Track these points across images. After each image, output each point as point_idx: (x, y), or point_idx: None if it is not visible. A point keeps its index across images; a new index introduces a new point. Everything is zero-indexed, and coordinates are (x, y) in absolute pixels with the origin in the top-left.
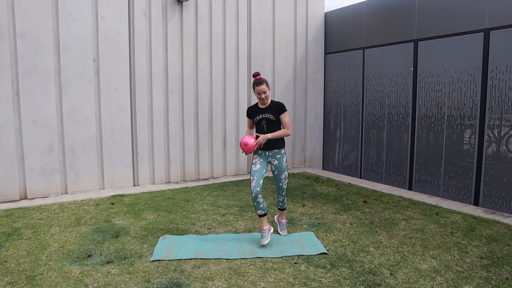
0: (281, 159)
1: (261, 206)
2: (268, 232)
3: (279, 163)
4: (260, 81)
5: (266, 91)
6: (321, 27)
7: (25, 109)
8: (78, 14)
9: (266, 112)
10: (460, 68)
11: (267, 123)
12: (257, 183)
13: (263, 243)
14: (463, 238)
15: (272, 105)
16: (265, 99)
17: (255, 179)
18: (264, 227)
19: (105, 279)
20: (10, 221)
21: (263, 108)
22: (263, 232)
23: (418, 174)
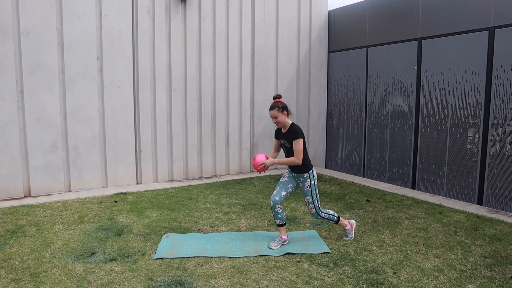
0: (304, 182)
1: (279, 216)
2: (281, 241)
3: (302, 187)
4: (272, 105)
5: (277, 116)
6: (324, 26)
7: (29, 107)
8: (82, 12)
9: (283, 138)
10: (464, 66)
11: (285, 148)
12: (277, 193)
13: (271, 246)
14: (466, 237)
15: (289, 131)
16: (278, 124)
17: (277, 189)
18: (282, 236)
19: (108, 276)
20: (14, 219)
21: (284, 132)
22: (277, 239)
23: (422, 173)
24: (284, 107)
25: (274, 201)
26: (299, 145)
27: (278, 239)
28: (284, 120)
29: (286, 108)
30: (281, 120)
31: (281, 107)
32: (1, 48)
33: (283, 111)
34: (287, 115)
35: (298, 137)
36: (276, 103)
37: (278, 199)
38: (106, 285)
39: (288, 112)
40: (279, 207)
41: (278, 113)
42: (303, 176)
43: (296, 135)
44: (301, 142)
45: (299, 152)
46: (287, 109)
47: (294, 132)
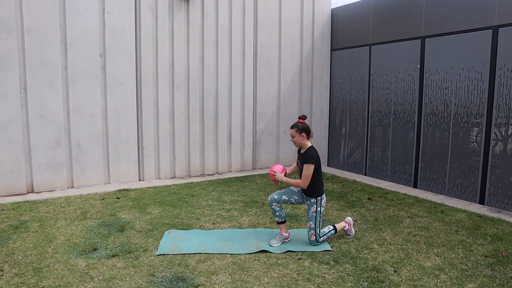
0: (310, 207)
1: (277, 213)
2: (282, 238)
3: (308, 209)
4: (293, 124)
5: (294, 136)
6: (327, 24)
7: (32, 103)
8: (85, 9)
9: (299, 158)
10: (467, 65)
11: (299, 168)
12: (280, 193)
13: (271, 244)
14: (467, 236)
15: (305, 153)
16: (294, 143)
17: (283, 191)
18: (282, 233)
19: (110, 272)
20: (17, 214)
21: (301, 153)
22: (278, 236)
23: (424, 172)
24: (304, 129)
25: (271, 198)
26: (308, 170)
27: (279, 236)
28: (301, 141)
29: (306, 130)
30: (297, 140)
31: (300, 128)
32: (5, 45)
33: (302, 132)
34: (306, 137)
35: (309, 162)
36: (297, 123)
37: (277, 197)
38: (108, 280)
39: (309, 134)
40: (276, 205)
41: (295, 133)
42: (310, 200)
43: (308, 160)
44: (311, 168)
45: (306, 177)
46: (307, 132)
47: (308, 156)
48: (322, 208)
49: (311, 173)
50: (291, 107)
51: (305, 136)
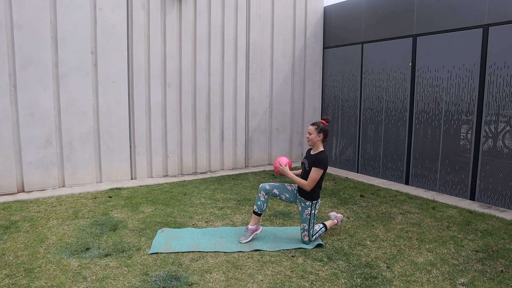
0: (304, 209)
1: (258, 203)
2: (249, 233)
3: (301, 211)
4: (314, 122)
5: (311, 133)
6: (320, 22)
7: (22, 101)
8: (76, 5)
9: (308, 158)
10: (458, 63)
11: (303, 168)
12: (272, 185)
13: (240, 240)
14: (459, 232)
15: (316, 155)
16: (308, 140)
17: (276, 184)
18: (249, 226)
19: (103, 272)
20: (7, 214)
21: (311, 154)
22: (246, 231)
23: (415, 169)
24: (323, 130)
25: (262, 187)
26: (316, 174)
27: (247, 232)
28: (315, 141)
29: (325, 132)
30: (313, 139)
31: (320, 128)
32: None
33: (320, 133)
34: (323, 139)
35: (319, 167)
36: (319, 122)
37: (268, 188)
38: (101, 280)
39: (326, 137)
40: (263, 195)
41: (314, 131)
42: (305, 203)
43: (319, 164)
44: (320, 173)
45: (313, 180)
46: (325, 134)
47: (319, 160)
48: (316, 211)
49: (318, 177)
50: (283, 105)
51: (321, 137)
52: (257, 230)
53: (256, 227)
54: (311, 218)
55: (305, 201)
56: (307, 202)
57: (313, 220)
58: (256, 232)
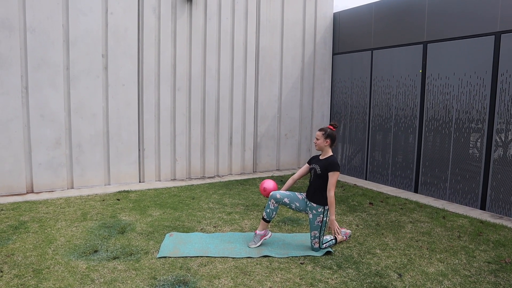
0: (316, 216)
1: (267, 210)
2: (260, 238)
3: (312, 219)
4: (322, 128)
5: (319, 138)
6: (329, 28)
7: (33, 103)
8: (88, 9)
9: (318, 163)
10: (469, 71)
11: (314, 173)
12: (282, 193)
13: (249, 245)
14: (470, 242)
15: (327, 159)
16: (316, 145)
17: (287, 193)
18: (257, 231)
19: (111, 274)
20: (17, 214)
21: (320, 159)
22: (256, 236)
23: (424, 177)
24: (330, 135)
25: (273, 195)
26: (334, 178)
27: (256, 237)
28: (323, 146)
29: (332, 137)
30: (319, 144)
31: (327, 133)
32: (7, 44)
33: (327, 138)
34: (330, 144)
35: (335, 170)
36: (326, 128)
37: (279, 197)
38: (109, 283)
39: (333, 143)
40: (273, 203)
41: (321, 137)
42: (317, 210)
43: (334, 167)
44: (337, 176)
45: (332, 184)
46: (332, 140)
47: (333, 164)
48: (327, 218)
49: (336, 181)
50: (292, 111)
51: (329, 143)
52: (266, 235)
53: (264, 233)
54: (322, 225)
55: (316, 208)
56: (319, 209)
57: (323, 227)
58: (265, 237)
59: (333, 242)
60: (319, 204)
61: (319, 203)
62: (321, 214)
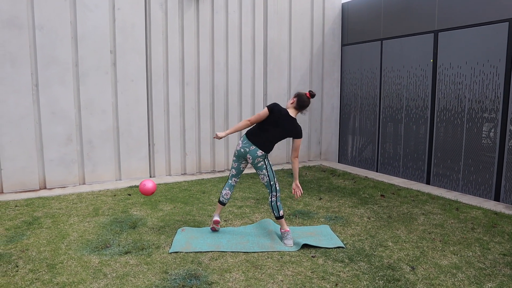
0: (263, 165)
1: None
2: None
3: (260, 169)
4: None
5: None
6: (338, 18)
7: (44, 100)
8: (95, 5)
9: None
10: (482, 59)
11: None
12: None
13: (288, 244)
14: (484, 234)
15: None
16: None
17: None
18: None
19: (123, 269)
20: (30, 210)
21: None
22: (288, 235)
23: (437, 168)
24: (298, 96)
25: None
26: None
27: (288, 235)
28: (288, 104)
29: (299, 100)
30: (287, 102)
31: (297, 93)
32: (17, 42)
33: (295, 97)
34: (295, 105)
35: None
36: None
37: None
38: (122, 277)
39: (300, 108)
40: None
41: (292, 96)
42: (264, 157)
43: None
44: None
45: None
46: (299, 103)
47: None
48: (235, 148)
49: (258, 114)
50: None
51: (294, 102)
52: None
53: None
54: (268, 168)
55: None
56: (266, 154)
57: (233, 157)
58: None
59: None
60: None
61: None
62: (266, 159)
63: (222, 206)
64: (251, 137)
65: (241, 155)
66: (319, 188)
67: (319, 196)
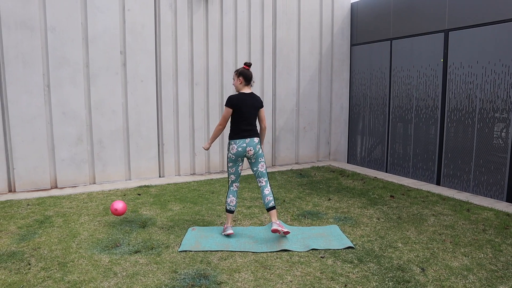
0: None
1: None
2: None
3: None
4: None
5: (234, 79)
6: (347, 18)
7: (55, 100)
8: (105, 7)
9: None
10: (494, 59)
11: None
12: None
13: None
14: (496, 235)
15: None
16: (235, 88)
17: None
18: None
19: (133, 268)
20: (42, 209)
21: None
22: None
23: (447, 169)
24: (242, 73)
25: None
26: (222, 115)
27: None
28: (238, 85)
29: (244, 75)
30: (235, 84)
31: (239, 71)
32: (29, 43)
33: (240, 76)
34: (243, 83)
35: (225, 105)
36: (239, 68)
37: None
38: (131, 276)
39: (247, 81)
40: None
41: (235, 76)
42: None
43: (226, 102)
44: (225, 111)
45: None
46: (246, 77)
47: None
48: (229, 154)
49: (223, 116)
50: (310, 103)
51: (242, 81)
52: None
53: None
54: (225, 160)
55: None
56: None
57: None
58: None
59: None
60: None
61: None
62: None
63: (231, 214)
64: (238, 134)
65: (240, 154)
66: (328, 189)
67: (328, 197)
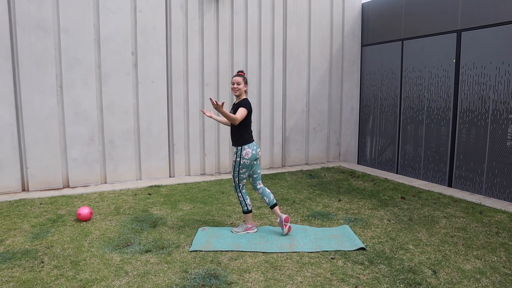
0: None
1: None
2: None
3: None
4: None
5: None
6: (358, 19)
7: (68, 101)
8: (117, 8)
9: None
10: (508, 59)
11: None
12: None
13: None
14: (510, 238)
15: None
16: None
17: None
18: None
19: (144, 267)
20: (54, 208)
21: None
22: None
23: (459, 170)
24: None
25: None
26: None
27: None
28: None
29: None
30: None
31: (247, 80)
32: (43, 44)
33: (246, 83)
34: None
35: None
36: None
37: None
38: (142, 275)
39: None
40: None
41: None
42: (236, 150)
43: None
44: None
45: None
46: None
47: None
48: (243, 160)
49: (244, 114)
50: (320, 104)
51: (247, 88)
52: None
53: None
54: (235, 166)
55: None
56: (235, 149)
57: (237, 169)
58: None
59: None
60: (235, 144)
61: (235, 144)
62: (236, 154)
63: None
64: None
65: (254, 158)
66: (338, 190)
67: (338, 198)
